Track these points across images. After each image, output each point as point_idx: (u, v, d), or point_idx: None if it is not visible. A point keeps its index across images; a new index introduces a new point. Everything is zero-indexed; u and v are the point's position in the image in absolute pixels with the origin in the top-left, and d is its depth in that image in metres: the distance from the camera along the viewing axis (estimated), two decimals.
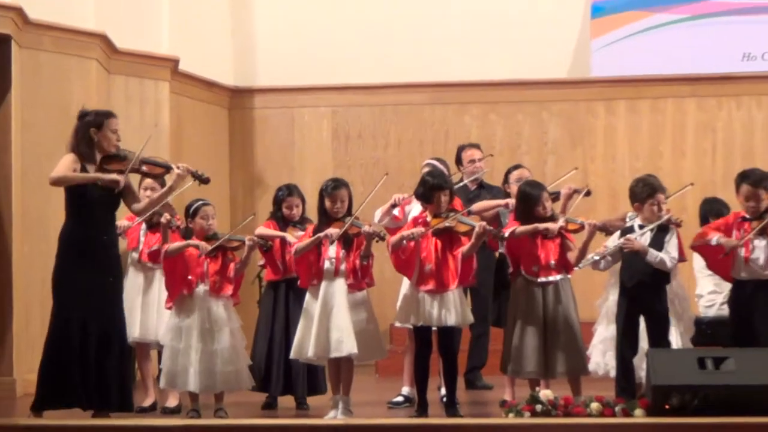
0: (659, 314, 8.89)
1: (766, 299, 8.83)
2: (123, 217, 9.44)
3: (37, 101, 10.57)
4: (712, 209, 9.89)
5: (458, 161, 10.65)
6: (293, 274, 9.35)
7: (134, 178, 8.95)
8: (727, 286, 9.27)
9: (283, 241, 9.44)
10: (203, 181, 8.92)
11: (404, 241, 8.79)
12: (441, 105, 13.43)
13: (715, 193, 10.47)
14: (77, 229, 8.59)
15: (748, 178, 8.95)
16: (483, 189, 10.40)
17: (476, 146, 10.79)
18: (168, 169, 8.84)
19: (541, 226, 8.84)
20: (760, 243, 8.81)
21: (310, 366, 9.38)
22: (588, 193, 9.60)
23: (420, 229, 8.78)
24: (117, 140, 8.68)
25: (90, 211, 8.58)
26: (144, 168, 8.79)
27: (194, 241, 8.89)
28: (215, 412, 8.96)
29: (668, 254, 8.75)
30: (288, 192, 9.69)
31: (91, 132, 8.55)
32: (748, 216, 8.92)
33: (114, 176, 8.50)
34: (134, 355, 10.04)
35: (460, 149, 10.75)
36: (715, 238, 8.89)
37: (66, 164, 8.51)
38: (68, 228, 8.64)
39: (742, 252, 8.81)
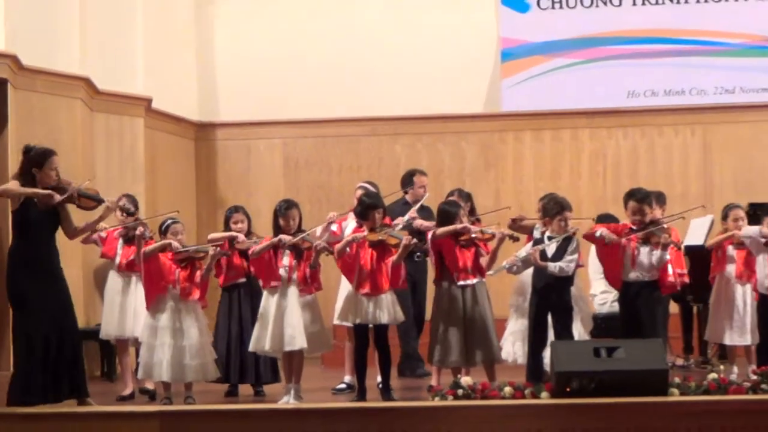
0: (564, 311, 8.98)
1: (649, 297, 8.94)
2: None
3: (30, 135, 10.43)
4: (604, 222, 9.97)
5: (407, 183, 10.61)
6: (241, 279, 9.42)
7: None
8: None
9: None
10: (130, 213, 8.93)
11: (347, 248, 8.86)
12: (375, 136, 13.45)
13: (607, 209, 10.59)
14: (23, 247, 8.45)
15: (635, 196, 9.07)
16: (424, 209, 10.37)
17: (425, 174, 10.81)
18: (100, 202, 8.63)
19: (459, 226, 8.90)
20: (644, 250, 8.90)
21: (267, 358, 9.39)
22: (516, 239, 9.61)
23: (360, 234, 8.87)
24: (56, 176, 8.47)
25: (33, 230, 8.42)
26: (78, 201, 8.57)
27: (167, 240, 8.88)
28: (185, 399, 8.94)
29: (567, 264, 8.84)
30: (234, 210, 9.77)
31: (33, 170, 8.37)
32: (634, 228, 9.02)
33: (49, 191, 8.33)
34: (115, 350, 10.04)
35: (412, 174, 10.70)
36: (599, 231, 8.97)
37: (11, 184, 8.43)
38: (15, 247, 8.52)
39: (629, 258, 8.93)
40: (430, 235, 9.00)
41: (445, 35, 13.40)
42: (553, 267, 8.83)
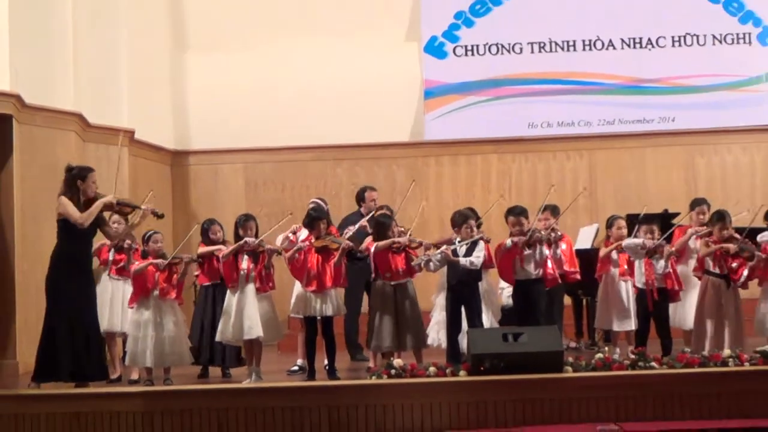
0: (474, 304, 9.00)
1: (537, 292, 9.03)
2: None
3: (31, 163, 10.40)
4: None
5: (361, 199, 10.57)
6: (217, 280, 9.34)
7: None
8: None
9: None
10: (159, 216, 8.95)
11: (296, 254, 8.86)
12: (321, 161, 13.40)
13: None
14: (69, 249, 8.55)
15: (512, 211, 9.23)
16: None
17: (375, 190, 10.76)
18: (136, 208, 8.88)
19: (396, 240, 8.91)
20: (528, 252, 8.99)
21: (232, 346, 9.35)
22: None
23: (303, 244, 8.88)
24: (96, 188, 8.68)
25: (82, 236, 8.55)
26: (118, 208, 8.80)
27: (154, 260, 8.88)
28: (164, 381, 8.87)
29: (476, 258, 8.87)
30: (211, 223, 9.70)
31: (77, 182, 8.53)
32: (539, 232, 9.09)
33: (108, 201, 8.58)
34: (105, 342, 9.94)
35: (364, 190, 10.64)
36: (508, 241, 9.03)
37: (73, 207, 8.48)
38: (61, 249, 8.58)
39: (518, 261, 9.00)
40: (372, 247, 8.99)
41: (379, 78, 13.37)
42: (464, 261, 8.90)
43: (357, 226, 9.95)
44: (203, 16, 13.62)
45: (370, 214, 10.17)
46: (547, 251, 9.03)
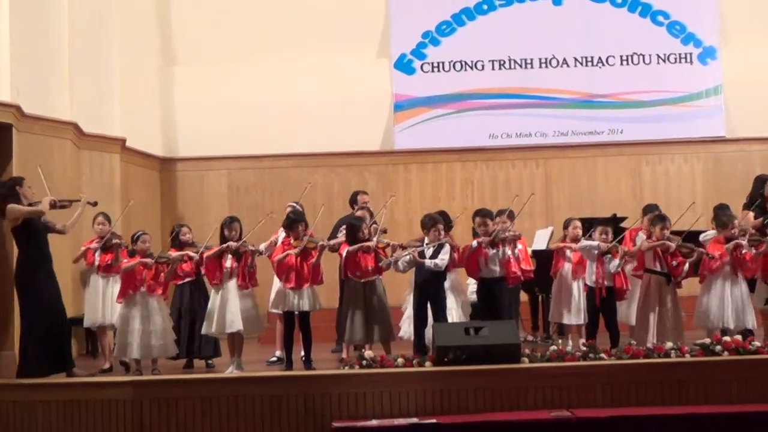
0: (438, 300, 9.00)
1: (500, 289, 9.03)
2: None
3: (30, 169, 10.23)
4: (476, 233, 9.96)
5: (354, 201, 10.55)
6: (191, 278, 9.37)
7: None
8: None
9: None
10: (93, 204, 9.13)
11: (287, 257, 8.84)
12: (300, 168, 13.34)
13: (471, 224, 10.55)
14: (30, 254, 8.59)
15: (479, 213, 9.22)
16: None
17: (366, 193, 10.77)
18: (74, 201, 9.03)
19: (365, 245, 8.89)
20: (491, 252, 8.99)
21: (212, 338, 9.31)
22: (384, 231, 9.63)
23: (296, 250, 8.81)
24: (32, 194, 8.70)
25: (36, 239, 8.60)
26: (59, 204, 8.80)
27: (143, 259, 8.83)
28: (152, 370, 8.84)
29: (441, 260, 8.86)
30: (180, 226, 9.71)
31: (17, 189, 8.62)
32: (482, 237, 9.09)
33: (40, 209, 8.59)
34: (96, 334, 9.90)
35: (356, 194, 10.66)
36: (474, 243, 9.03)
37: (26, 207, 8.56)
38: (24, 255, 8.63)
39: (483, 261, 9.00)
40: (344, 250, 8.97)
41: (353, 91, 13.33)
42: (429, 263, 8.88)
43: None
44: (190, 33, 13.54)
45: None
46: (509, 251, 9.04)
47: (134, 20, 12.81)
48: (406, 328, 9.48)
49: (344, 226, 9.58)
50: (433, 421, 7.60)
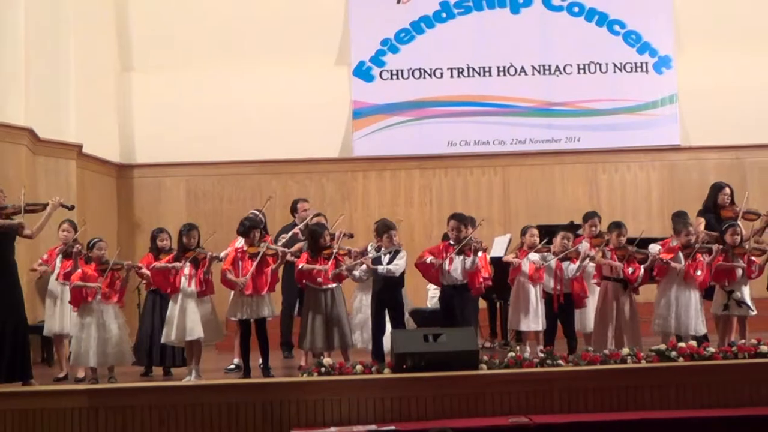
0: (397, 308, 9.00)
1: (461, 297, 9.05)
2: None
3: None
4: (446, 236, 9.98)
5: (294, 210, 10.53)
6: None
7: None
8: None
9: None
10: (70, 208, 8.89)
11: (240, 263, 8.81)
12: (259, 174, 13.30)
13: (432, 231, 10.63)
14: None
15: (455, 216, 9.21)
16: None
17: (307, 201, 10.73)
18: (45, 205, 8.70)
19: (317, 268, 8.89)
20: (458, 259, 9.00)
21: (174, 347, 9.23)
22: (351, 236, 9.66)
23: (243, 280, 8.78)
24: (3, 197, 8.51)
25: (4, 243, 8.38)
26: (29, 208, 8.59)
27: (88, 282, 8.70)
28: (108, 379, 8.75)
29: (395, 266, 8.88)
30: (160, 231, 9.61)
31: None
32: (452, 242, 9.10)
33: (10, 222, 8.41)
34: (53, 342, 9.78)
35: (296, 202, 10.63)
36: (429, 258, 9.05)
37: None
38: None
39: (447, 265, 9.00)
40: (299, 266, 8.96)
41: (312, 98, 13.33)
42: (382, 269, 8.90)
43: (290, 234, 9.92)
44: (148, 39, 13.45)
45: (303, 223, 10.15)
46: (478, 262, 9.06)
47: (92, 26, 12.70)
48: (357, 336, 9.49)
49: (288, 235, 9.61)
50: (392, 428, 7.59)
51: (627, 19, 13.67)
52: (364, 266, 8.94)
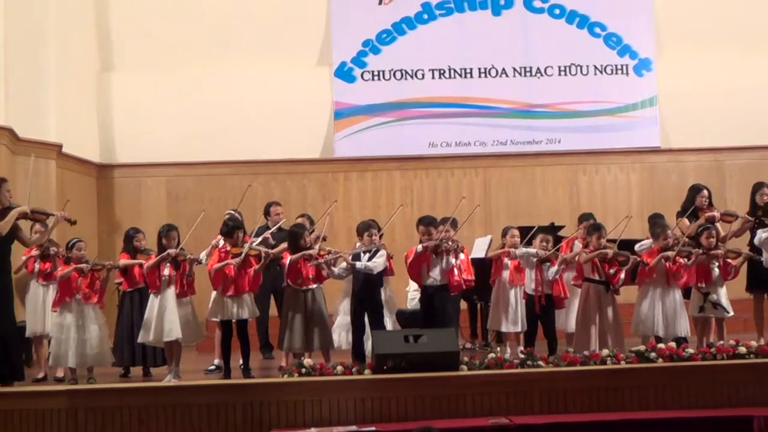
0: (375, 308, 9.02)
1: (441, 297, 9.07)
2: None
3: None
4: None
5: (267, 213, 10.53)
6: (140, 285, 9.19)
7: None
8: None
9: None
10: (72, 222, 8.84)
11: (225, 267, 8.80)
12: (238, 175, 13.26)
13: (412, 232, 10.58)
14: None
15: (423, 221, 9.26)
16: (281, 231, 10.30)
17: (280, 204, 10.73)
18: (50, 215, 8.75)
19: (306, 253, 8.87)
20: (435, 260, 9.03)
21: (152, 347, 9.19)
22: (324, 238, 9.66)
23: (237, 259, 8.76)
24: (10, 197, 8.48)
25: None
26: (32, 215, 8.62)
27: (78, 265, 8.68)
28: (87, 379, 8.72)
29: (374, 264, 8.89)
30: (136, 231, 9.56)
31: None
32: (427, 245, 9.13)
33: (23, 210, 8.37)
34: (32, 343, 9.73)
35: (269, 205, 10.62)
36: (419, 247, 9.07)
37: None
38: None
39: (425, 268, 9.03)
40: (287, 259, 8.95)
41: (293, 99, 13.33)
42: (360, 265, 8.92)
43: (260, 238, 9.90)
44: (128, 39, 13.42)
45: (276, 226, 10.15)
46: (453, 260, 9.08)
47: (72, 26, 12.65)
48: (337, 337, 9.51)
49: (258, 239, 9.62)
50: (372, 428, 7.59)
51: (608, 22, 13.73)
52: (344, 264, 8.94)
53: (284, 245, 9.48)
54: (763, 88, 13.39)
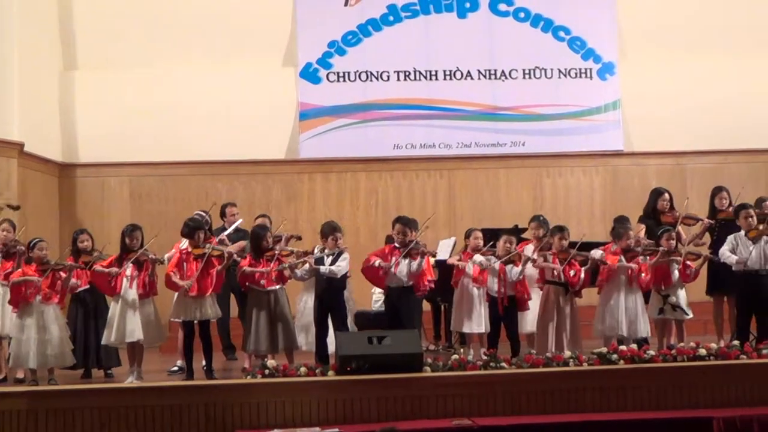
0: (339, 310, 9.03)
1: (407, 299, 9.08)
2: None
3: None
4: (390, 239, 9.98)
5: (223, 214, 10.51)
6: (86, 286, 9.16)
7: None
8: None
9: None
10: (16, 208, 8.76)
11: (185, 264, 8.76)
12: (202, 175, 13.21)
13: (377, 234, 10.62)
14: None
15: (400, 220, 9.24)
16: (240, 232, 10.29)
17: (235, 205, 10.70)
18: None
19: (260, 270, 8.85)
20: (404, 262, 9.04)
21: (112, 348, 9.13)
22: (299, 238, 9.67)
23: (189, 281, 8.72)
24: None
25: None
26: None
27: (30, 277, 8.59)
28: (48, 381, 8.63)
29: (338, 267, 8.90)
30: (80, 232, 9.51)
31: None
32: (398, 246, 9.13)
33: None
34: None
35: (225, 206, 10.64)
36: (376, 262, 9.07)
37: None
38: None
39: (393, 268, 9.03)
40: (242, 269, 8.93)
41: (258, 99, 13.28)
42: (325, 269, 8.92)
43: (217, 239, 9.86)
44: (92, 38, 13.28)
45: (233, 227, 10.13)
46: (424, 264, 9.11)
47: (35, 24, 12.52)
48: (302, 338, 9.48)
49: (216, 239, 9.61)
50: (336, 430, 7.61)
51: (572, 26, 13.81)
52: (306, 266, 8.94)
53: (242, 243, 9.45)
54: (724, 92, 13.54)
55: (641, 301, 9.26)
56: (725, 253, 9.49)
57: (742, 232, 9.48)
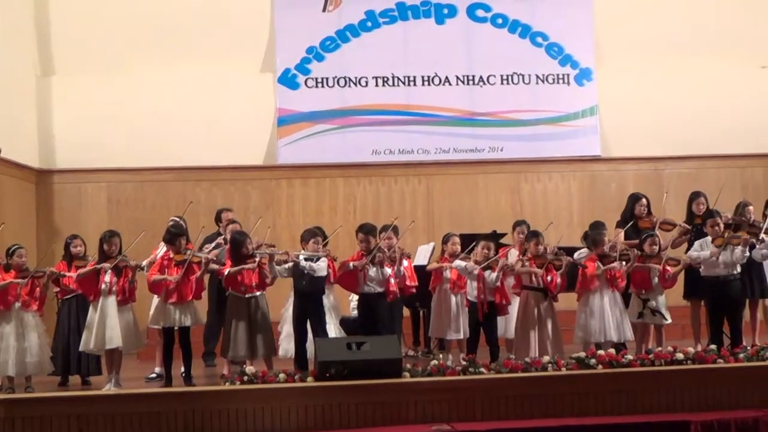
0: (318, 315, 9.02)
1: (380, 305, 9.12)
2: None
3: None
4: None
5: (218, 219, 10.48)
6: (76, 292, 9.09)
7: None
8: None
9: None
10: None
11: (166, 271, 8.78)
12: (181, 181, 13.18)
13: (353, 239, 10.57)
14: None
15: (363, 228, 9.31)
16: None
17: (231, 210, 10.68)
18: None
19: (245, 267, 8.85)
20: (372, 269, 9.08)
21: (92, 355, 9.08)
22: (272, 246, 9.66)
23: (176, 276, 8.72)
24: None
25: None
26: None
27: (14, 279, 8.57)
28: (25, 388, 8.61)
29: (318, 266, 8.91)
30: (73, 237, 9.47)
31: None
32: (364, 252, 9.17)
33: None
34: None
35: (220, 211, 10.60)
36: (350, 264, 9.09)
37: None
38: None
39: (362, 277, 9.08)
40: (225, 271, 8.92)
41: (236, 105, 13.28)
42: (305, 263, 8.93)
43: (214, 243, 9.86)
44: (69, 43, 13.22)
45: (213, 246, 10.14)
46: (389, 270, 9.12)
47: (11, 29, 12.47)
48: (285, 345, 9.47)
49: (212, 245, 9.58)
50: None
51: (549, 32, 13.89)
52: (287, 257, 8.93)
53: (217, 251, 9.43)
54: (701, 98, 13.65)
55: (621, 304, 9.31)
56: (692, 254, 9.58)
57: (710, 238, 9.58)
